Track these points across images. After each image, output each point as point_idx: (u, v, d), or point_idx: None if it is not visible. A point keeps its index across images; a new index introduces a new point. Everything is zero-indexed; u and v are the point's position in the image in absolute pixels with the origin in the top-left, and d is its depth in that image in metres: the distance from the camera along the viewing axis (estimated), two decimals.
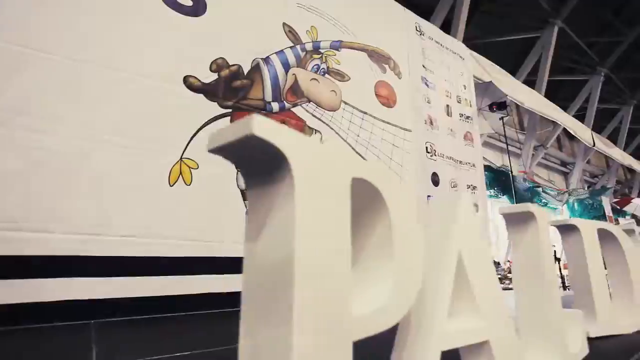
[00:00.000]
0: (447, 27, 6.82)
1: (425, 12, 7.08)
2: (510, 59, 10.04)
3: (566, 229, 1.86)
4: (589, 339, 1.67)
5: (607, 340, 1.68)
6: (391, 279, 0.67)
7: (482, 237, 0.99)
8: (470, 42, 8.86)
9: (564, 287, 5.03)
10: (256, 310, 0.50)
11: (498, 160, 9.01)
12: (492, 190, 7.45)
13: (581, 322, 1.42)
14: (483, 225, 5.11)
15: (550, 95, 11.64)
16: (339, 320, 0.52)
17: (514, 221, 1.29)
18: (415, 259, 0.74)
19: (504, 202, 7.65)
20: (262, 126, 0.45)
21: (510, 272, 7.48)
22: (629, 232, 2.18)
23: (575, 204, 9.72)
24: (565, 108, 10.61)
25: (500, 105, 5.42)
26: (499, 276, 5.46)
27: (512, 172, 6.11)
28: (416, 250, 0.75)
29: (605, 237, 2.00)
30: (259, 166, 0.53)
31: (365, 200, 0.73)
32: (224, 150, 0.49)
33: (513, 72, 9.43)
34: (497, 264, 7.71)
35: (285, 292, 0.46)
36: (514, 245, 1.29)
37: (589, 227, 1.85)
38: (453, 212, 0.94)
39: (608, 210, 6.60)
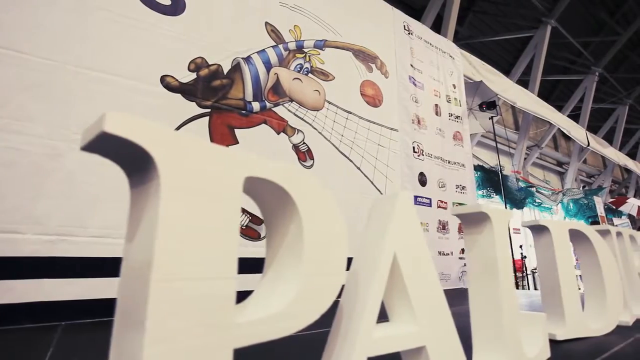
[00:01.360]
0: (439, 25, 6.78)
1: (418, 10, 7.07)
2: (506, 59, 10.02)
3: (537, 230, 1.84)
4: (557, 342, 1.66)
5: (575, 343, 1.65)
6: (298, 284, 0.65)
7: (422, 238, 0.96)
8: (464, 41, 8.86)
9: None
10: (123, 316, 0.48)
11: (492, 160, 8.98)
12: (484, 190, 7.42)
13: (542, 324, 1.39)
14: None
15: (546, 95, 11.63)
16: (212, 326, 0.49)
17: (469, 222, 1.27)
18: (330, 263, 0.71)
19: (497, 202, 7.62)
20: (116, 123, 0.42)
21: None
22: (604, 233, 2.15)
23: (570, 204, 9.69)
24: (561, 108, 10.59)
25: (489, 104, 5.39)
26: None
27: (501, 172, 6.08)
28: (333, 253, 0.72)
29: (578, 238, 1.98)
30: (134, 164, 0.51)
31: (277, 201, 0.70)
32: (91, 148, 0.47)
33: (509, 71, 9.41)
34: None
35: (143, 297, 0.44)
36: (468, 247, 1.26)
37: (559, 228, 1.82)
38: (389, 212, 0.92)
39: (600, 210, 6.56)
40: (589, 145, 9.01)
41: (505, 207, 5.80)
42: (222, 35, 3.20)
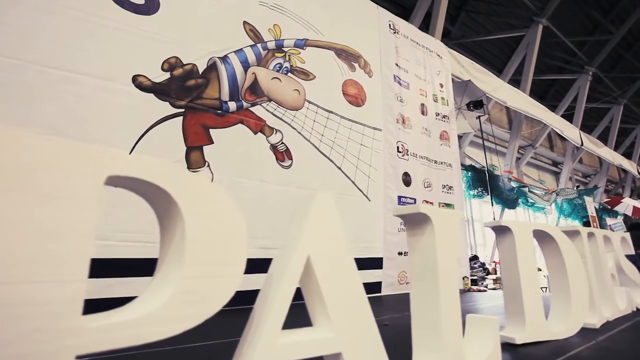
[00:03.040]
0: (430, 23, 6.74)
1: (409, 9, 7.03)
2: (500, 58, 9.98)
3: (499, 231, 1.80)
4: (516, 346, 1.63)
5: (534, 347, 1.62)
6: (174, 287, 0.62)
7: (343, 240, 0.92)
8: (457, 41, 8.82)
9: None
10: None
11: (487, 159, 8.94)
12: (475, 190, 7.39)
13: (493, 328, 1.36)
14: (460, 226, 5.05)
15: (542, 94, 11.58)
16: (46, 332, 0.47)
17: (411, 223, 1.24)
18: (219, 266, 0.68)
19: (489, 202, 7.58)
20: None
21: (492, 273, 7.41)
22: (572, 234, 2.12)
23: (564, 204, 9.65)
24: (556, 107, 10.54)
25: (476, 104, 5.35)
26: (474, 277, 5.40)
27: (489, 172, 6.04)
28: (224, 255, 0.69)
29: (544, 239, 1.94)
30: None
31: (162, 201, 0.67)
32: None
33: (503, 71, 9.36)
34: (482, 264, 7.64)
35: None
36: (411, 248, 1.23)
37: (522, 229, 1.79)
38: (305, 213, 0.89)
39: (591, 211, 6.52)
40: (582, 144, 8.97)
41: (492, 207, 5.77)
42: (197, 35, 3.17)
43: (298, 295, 0.84)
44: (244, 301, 0.94)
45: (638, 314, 2.48)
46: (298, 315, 0.89)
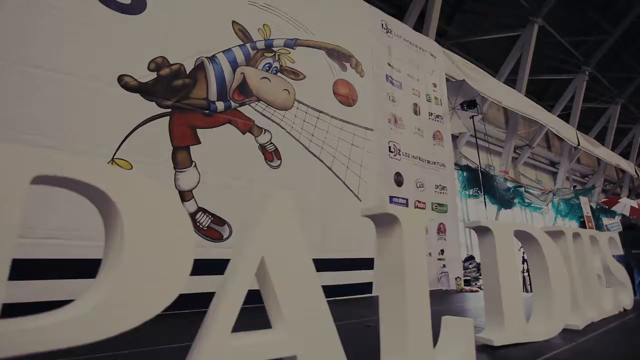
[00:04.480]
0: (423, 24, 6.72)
1: (405, 9, 7.01)
2: (498, 58, 9.95)
3: (480, 231, 1.79)
4: (494, 348, 1.61)
5: (514, 348, 1.60)
6: (107, 291, 0.60)
7: (300, 241, 0.91)
8: (454, 41, 8.80)
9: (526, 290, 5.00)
10: None
11: (483, 160, 8.91)
12: (472, 190, 7.37)
13: (467, 330, 1.34)
14: (455, 226, 5.02)
15: (539, 94, 11.55)
16: None
17: (380, 224, 1.22)
18: (160, 268, 0.67)
19: (489, 202, 7.55)
20: None
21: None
22: (556, 234, 2.10)
23: (561, 204, 9.63)
24: (553, 107, 10.52)
25: (470, 103, 5.33)
26: (467, 278, 5.38)
27: (483, 172, 6.02)
28: (167, 257, 0.68)
29: (526, 240, 1.92)
30: None
31: (101, 201, 0.66)
32: None
33: (500, 71, 9.34)
34: (478, 264, 7.61)
35: None
36: (379, 249, 1.22)
37: (503, 230, 1.77)
38: (260, 214, 0.88)
39: (587, 211, 6.49)
40: (579, 144, 8.94)
41: (485, 207, 5.75)
42: (185, 34, 3.15)
43: None
44: None
45: (625, 314, 2.47)
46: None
